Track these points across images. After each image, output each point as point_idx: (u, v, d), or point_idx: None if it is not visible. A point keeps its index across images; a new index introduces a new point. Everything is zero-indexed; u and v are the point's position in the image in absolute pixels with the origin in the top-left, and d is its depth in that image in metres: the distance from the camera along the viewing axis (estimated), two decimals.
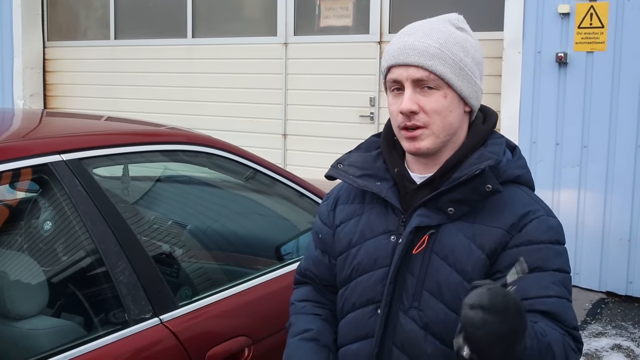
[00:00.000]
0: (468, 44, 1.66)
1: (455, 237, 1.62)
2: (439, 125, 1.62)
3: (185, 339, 2.23)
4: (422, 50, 1.60)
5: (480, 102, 1.71)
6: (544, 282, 1.56)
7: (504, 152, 1.69)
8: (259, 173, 2.88)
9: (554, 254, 1.59)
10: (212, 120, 7.48)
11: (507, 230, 1.59)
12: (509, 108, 5.90)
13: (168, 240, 2.75)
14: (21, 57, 8.68)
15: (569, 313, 1.57)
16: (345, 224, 1.79)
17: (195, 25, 7.80)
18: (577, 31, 5.58)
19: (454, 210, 1.61)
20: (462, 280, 1.60)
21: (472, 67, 1.65)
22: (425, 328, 1.62)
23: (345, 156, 1.82)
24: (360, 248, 1.73)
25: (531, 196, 1.67)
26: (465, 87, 1.63)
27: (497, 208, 1.61)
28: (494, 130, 1.72)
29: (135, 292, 2.18)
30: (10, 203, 2.74)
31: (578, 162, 5.66)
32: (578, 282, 5.75)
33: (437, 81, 1.61)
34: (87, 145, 2.32)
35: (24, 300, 2.24)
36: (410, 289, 1.64)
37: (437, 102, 1.61)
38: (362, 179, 1.73)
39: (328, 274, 1.86)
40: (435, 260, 1.62)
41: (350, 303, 1.75)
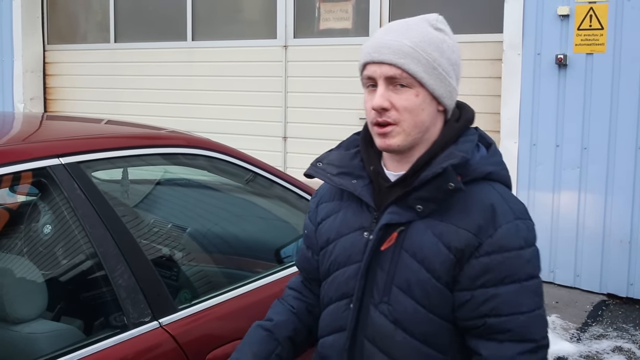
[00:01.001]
0: (444, 44, 1.68)
1: (424, 234, 1.64)
2: (410, 123, 1.64)
3: (185, 342, 2.23)
4: (395, 48, 1.63)
5: (455, 101, 1.73)
6: (516, 297, 1.59)
7: (478, 149, 1.71)
8: (258, 176, 2.87)
9: (524, 262, 1.60)
10: (212, 123, 7.49)
11: (475, 234, 1.60)
12: (509, 110, 5.90)
13: (167, 244, 2.74)
14: (21, 61, 8.68)
15: (537, 325, 1.61)
16: (326, 221, 1.84)
17: (195, 28, 7.81)
18: (576, 33, 5.58)
19: (422, 207, 1.64)
20: (430, 277, 1.63)
21: (446, 67, 1.66)
22: (395, 322, 1.66)
23: (325, 154, 1.85)
24: (337, 244, 1.78)
25: (502, 195, 1.67)
26: (438, 87, 1.65)
27: (465, 207, 1.63)
28: (469, 127, 1.74)
29: (135, 295, 2.18)
30: (9, 207, 2.73)
31: (578, 164, 5.66)
32: (579, 284, 5.75)
33: (409, 79, 1.63)
34: (85, 149, 2.31)
35: (23, 304, 2.24)
36: (380, 284, 1.68)
37: (409, 100, 1.63)
38: (339, 177, 1.77)
39: (312, 268, 1.93)
40: (405, 257, 1.66)
41: (328, 297, 1.81)
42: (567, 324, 5.13)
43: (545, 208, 5.83)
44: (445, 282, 1.62)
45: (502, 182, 1.71)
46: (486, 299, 1.59)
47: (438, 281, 1.62)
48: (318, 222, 1.88)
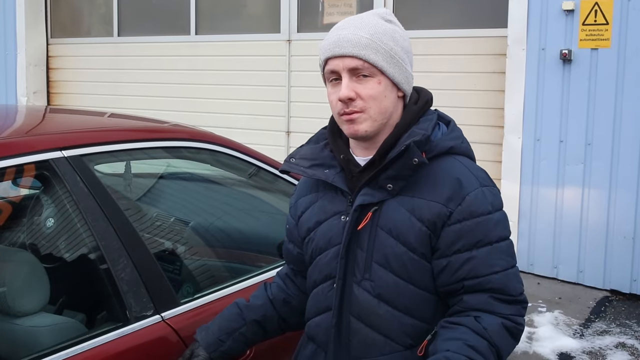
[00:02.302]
0: (397, 34, 1.79)
1: (397, 211, 1.76)
2: (376, 110, 1.75)
3: (187, 336, 2.22)
4: (355, 41, 1.73)
5: (412, 86, 1.85)
6: (489, 258, 1.72)
7: (438, 127, 1.84)
8: (261, 170, 2.86)
9: (494, 224, 1.74)
10: (215, 117, 7.48)
11: (445, 204, 1.73)
12: (513, 105, 5.88)
13: (170, 237, 2.74)
14: (24, 54, 8.68)
15: (513, 283, 1.75)
16: (305, 213, 1.96)
17: (199, 23, 7.79)
18: (581, 28, 5.55)
19: (392, 186, 1.76)
20: (406, 250, 1.75)
21: (402, 55, 1.78)
22: (378, 297, 1.78)
23: (296, 150, 1.96)
24: (317, 231, 1.91)
25: (466, 165, 1.79)
26: (397, 74, 1.77)
27: (433, 181, 1.76)
28: (428, 109, 1.86)
29: (137, 289, 2.17)
30: (11, 199, 2.73)
31: (582, 159, 5.64)
32: (582, 280, 5.74)
33: (371, 69, 1.74)
34: (88, 142, 2.30)
35: (25, 297, 2.23)
36: (360, 263, 1.80)
37: (373, 89, 1.74)
38: (312, 168, 1.88)
39: (295, 260, 2.07)
40: (381, 234, 1.77)
41: (312, 280, 1.93)
42: (570, 320, 5.12)
43: (549, 203, 5.82)
44: (421, 254, 1.75)
45: (465, 155, 1.84)
46: (462, 263, 1.72)
47: (414, 253, 1.75)
48: (298, 215, 1.99)
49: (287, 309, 2.11)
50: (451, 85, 6.29)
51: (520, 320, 1.76)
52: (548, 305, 5.36)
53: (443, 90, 6.25)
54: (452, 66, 6.31)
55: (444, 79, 6.32)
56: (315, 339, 1.92)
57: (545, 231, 5.86)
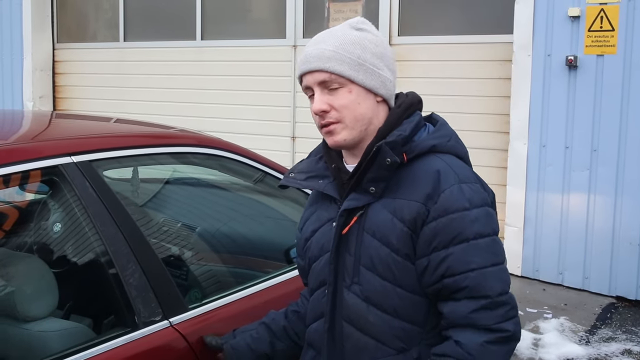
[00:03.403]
0: (366, 40, 1.80)
1: (380, 213, 1.78)
2: (351, 118, 1.78)
3: (195, 341, 2.23)
4: (319, 55, 1.78)
5: (392, 89, 1.85)
6: (465, 255, 1.70)
7: (424, 129, 1.85)
8: (268, 175, 2.87)
9: (470, 221, 1.71)
10: (220, 123, 7.49)
11: (424, 203, 1.73)
12: (519, 111, 5.88)
13: (178, 243, 2.74)
14: (31, 59, 8.71)
15: (491, 282, 1.70)
16: (305, 225, 2.01)
17: (205, 28, 7.81)
18: (587, 34, 5.56)
19: (375, 188, 1.78)
20: (390, 252, 1.76)
21: (373, 60, 1.79)
22: (366, 300, 1.79)
23: (295, 165, 2.01)
24: (312, 240, 1.95)
25: (448, 163, 1.78)
26: (368, 80, 1.78)
27: (413, 180, 1.77)
28: (415, 112, 1.86)
29: (145, 294, 2.17)
30: (20, 205, 2.74)
31: (588, 165, 5.64)
32: (587, 287, 5.73)
33: (339, 79, 1.77)
34: (97, 147, 2.31)
35: (34, 302, 2.24)
36: (349, 267, 1.82)
37: (344, 98, 1.77)
38: (307, 180, 1.93)
39: (304, 274, 2.06)
40: (367, 238, 1.79)
41: (310, 288, 1.98)
42: (575, 327, 5.11)
43: (554, 210, 5.81)
44: (404, 255, 1.75)
45: (451, 153, 1.82)
46: (440, 261, 1.71)
47: (397, 254, 1.75)
48: (301, 228, 2.04)
49: (299, 322, 2.15)
50: (457, 91, 6.30)
51: (506, 327, 1.70)
52: (554, 312, 5.35)
53: (449, 96, 6.26)
54: (457, 72, 6.32)
55: (450, 85, 6.33)
56: (313, 344, 1.95)
57: (550, 237, 5.85)
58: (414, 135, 1.81)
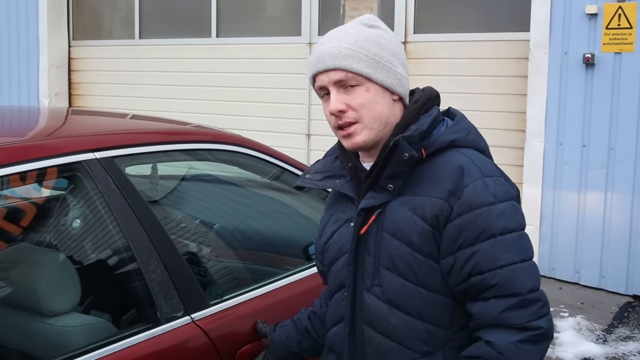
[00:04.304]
0: (381, 38, 1.75)
1: (400, 211, 1.72)
2: (369, 118, 1.73)
3: (216, 337, 2.23)
4: (335, 53, 1.72)
5: (407, 87, 1.81)
6: (493, 252, 1.64)
7: (442, 124, 1.79)
8: (288, 172, 2.87)
9: (496, 216, 1.65)
10: (235, 120, 7.49)
11: (446, 199, 1.67)
12: (535, 109, 5.86)
13: (198, 239, 2.75)
14: (47, 56, 8.75)
15: (521, 278, 1.65)
16: (325, 227, 1.96)
17: (220, 25, 7.82)
18: (604, 32, 5.52)
19: (393, 186, 1.72)
20: (411, 251, 1.70)
21: (388, 58, 1.74)
22: (388, 302, 1.74)
23: (311, 166, 1.98)
24: (331, 242, 1.90)
25: (470, 157, 1.73)
26: (385, 78, 1.73)
27: (434, 176, 1.71)
28: (431, 106, 1.81)
29: (167, 290, 2.18)
30: (42, 201, 2.75)
31: (605, 164, 5.61)
32: (604, 285, 5.70)
33: (356, 78, 1.72)
34: (119, 144, 2.32)
35: (57, 298, 2.25)
36: (369, 268, 1.76)
37: (362, 97, 1.72)
38: (324, 180, 1.89)
39: (322, 274, 2.02)
40: (386, 237, 1.73)
41: (329, 291, 1.94)
42: (592, 325, 5.09)
43: (571, 208, 5.79)
44: (427, 253, 1.69)
45: (471, 147, 1.77)
46: (466, 259, 1.65)
47: (419, 253, 1.69)
48: (321, 231, 1.99)
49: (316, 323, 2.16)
50: (473, 89, 6.28)
51: (539, 324, 1.64)
52: (570, 310, 5.33)
53: (464, 93, 6.24)
54: (473, 70, 6.30)
55: (466, 83, 6.31)
56: (333, 349, 1.90)
57: (567, 236, 5.83)
58: (432, 130, 1.76)
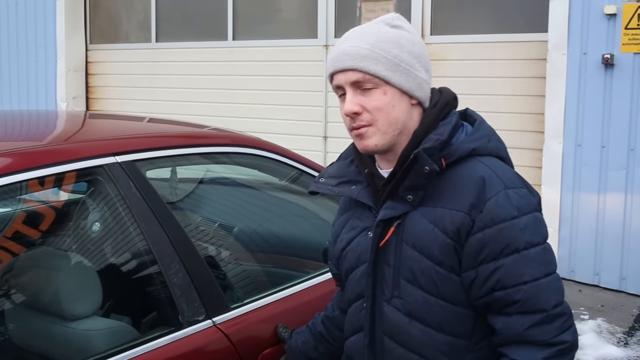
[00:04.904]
0: (403, 39, 1.70)
1: (420, 223, 1.68)
2: (384, 122, 1.68)
3: (237, 340, 2.23)
4: (353, 53, 1.67)
5: (428, 91, 1.75)
6: (517, 267, 1.60)
7: (461, 130, 1.73)
8: (306, 174, 2.86)
9: (520, 230, 1.61)
10: (251, 123, 7.49)
11: (468, 212, 1.63)
12: (554, 110, 5.82)
13: (219, 243, 2.75)
14: (64, 60, 8.80)
15: (546, 294, 1.61)
16: (341, 233, 1.91)
17: (236, 28, 7.83)
18: (624, 32, 5.48)
19: (412, 197, 1.68)
20: (432, 264, 1.66)
21: (409, 61, 1.69)
22: (408, 315, 1.70)
23: (325, 169, 1.92)
24: (348, 249, 1.85)
25: (491, 167, 1.68)
26: (404, 81, 1.68)
27: (455, 188, 1.66)
28: (450, 111, 1.76)
29: (189, 294, 2.18)
30: (62, 205, 2.76)
31: (625, 165, 5.56)
32: (625, 288, 5.65)
33: (373, 80, 1.67)
34: (140, 147, 2.33)
35: (79, 301, 2.26)
36: (388, 280, 1.73)
37: (378, 100, 1.67)
38: (339, 186, 1.83)
39: (335, 276, 2.03)
40: (406, 249, 1.69)
41: (347, 300, 1.89)
42: (613, 328, 5.04)
43: (590, 210, 5.74)
44: (448, 266, 1.66)
45: (492, 155, 1.72)
46: (489, 274, 1.62)
47: (440, 266, 1.66)
48: (336, 235, 1.94)
49: (329, 326, 2.16)
50: (490, 91, 6.25)
51: (565, 338, 1.61)
52: (590, 313, 5.29)
53: (482, 95, 6.21)
54: (491, 71, 6.27)
55: (483, 84, 6.28)
56: (353, 358, 1.87)
57: (586, 238, 5.78)
58: (451, 137, 1.70)
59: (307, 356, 2.18)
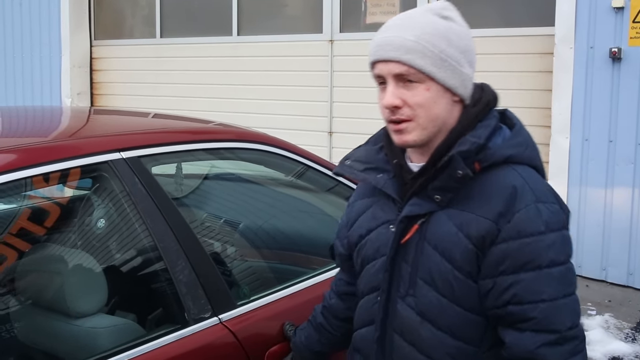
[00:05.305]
0: (451, 32, 1.64)
1: (445, 225, 1.64)
2: (424, 118, 1.62)
3: (244, 338, 2.21)
4: (398, 44, 1.60)
5: (471, 88, 1.70)
6: (536, 284, 1.56)
7: (498, 133, 1.68)
8: (313, 170, 2.84)
9: (545, 246, 1.56)
10: (256, 118, 7.47)
11: (495, 221, 1.58)
12: (561, 105, 5.78)
13: (225, 239, 2.73)
14: (69, 56, 8.78)
15: (562, 315, 1.56)
16: (359, 219, 1.86)
17: (241, 23, 7.80)
18: (631, 25, 5.44)
19: (441, 197, 1.63)
20: (452, 268, 1.62)
21: (456, 56, 1.63)
22: (420, 315, 1.67)
23: (353, 152, 1.86)
24: (367, 239, 1.81)
25: (525, 177, 1.62)
26: (449, 78, 1.62)
27: (485, 194, 1.61)
28: (490, 110, 1.71)
29: (195, 291, 2.16)
30: (67, 201, 2.75)
31: (632, 159, 5.52)
32: (632, 283, 5.62)
33: (417, 74, 1.60)
34: (146, 143, 2.31)
35: (84, 299, 2.24)
36: (405, 277, 1.69)
37: (420, 95, 1.61)
38: (365, 172, 1.78)
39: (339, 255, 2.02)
40: (427, 249, 1.66)
41: (361, 290, 1.85)
42: (621, 324, 5.02)
43: (597, 205, 5.71)
44: (467, 273, 1.62)
45: (528, 164, 1.67)
46: (507, 287, 1.57)
47: (460, 272, 1.62)
48: (353, 218, 1.89)
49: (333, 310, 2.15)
50: (497, 85, 6.08)
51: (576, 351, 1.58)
52: (598, 309, 5.26)
53: None
54: (497, 65, 6.23)
55: (490, 78, 6.14)
56: (360, 350, 1.85)
57: (593, 233, 5.75)
58: (488, 141, 1.64)
59: (312, 350, 2.16)
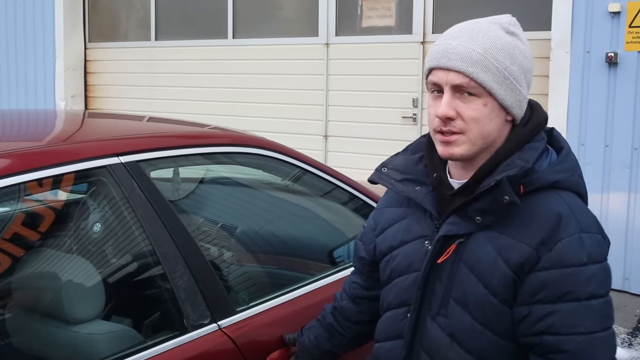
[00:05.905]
0: (517, 50, 1.60)
1: (484, 247, 1.59)
2: (476, 134, 1.58)
3: (243, 344, 2.19)
4: (464, 55, 1.56)
5: (524, 109, 1.65)
6: (574, 317, 1.51)
7: (545, 155, 1.63)
8: (310, 174, 2.82)
9: (585, 279, 1.52)
10: (252, 121, 7.46)
11: (536, 248, 1.53)
12: (557, 109, 5.78)
13: (224, 245, 2.71)
14: (63, 58, 8.74)
15: (598, 350, 1.52)
16: (391, 228, 1.82)
17: (236, 26, 7.79)
18: (628, 30, 5.44)
19: (481, 219, 1.58)
20: (487, 293, 1.58)
21: (517, 75, 1.59)
22: (450, 336, 1.63)
23: (390, 159, 1.82)
24: (400, 251, 1.76)
25: (570, 205, 1.58)
26: (507, 97, 1.58)
27: (528, 219, 1.56)
28: (539, 131, 1.66)
29: (194, 297, 2.14)
30: (65, 206, 2.72)
31: (628, 164, 5.53)
32: (628, 288, 5.62)
33: (477, 88, 1.56)
34: (144, 148, 2.28)
35: (81, 305, 2.22)
36: (438, 296, 1.65)
37: (476, 110, 1.57)
38: (402, 183, 1.74)
39: (358, 258, 1.99)
40: (463, 270, 1.61)
41: (387, 302, 1.80)
42: (617, 329, 5.01)
43: (593, 209, 5.54)
44: (503, 299, 1.57)
45: (572, 190, 1.62)
46: (543, 316, 1.53)
47: (495, 297, 1.57)
48: (383, 226, 1.86)
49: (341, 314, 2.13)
50: None
51: None
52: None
53: None
54: None
55: None
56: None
57: None
58: (535, 164, 1.60)
59: (321, 349, 2.14)
